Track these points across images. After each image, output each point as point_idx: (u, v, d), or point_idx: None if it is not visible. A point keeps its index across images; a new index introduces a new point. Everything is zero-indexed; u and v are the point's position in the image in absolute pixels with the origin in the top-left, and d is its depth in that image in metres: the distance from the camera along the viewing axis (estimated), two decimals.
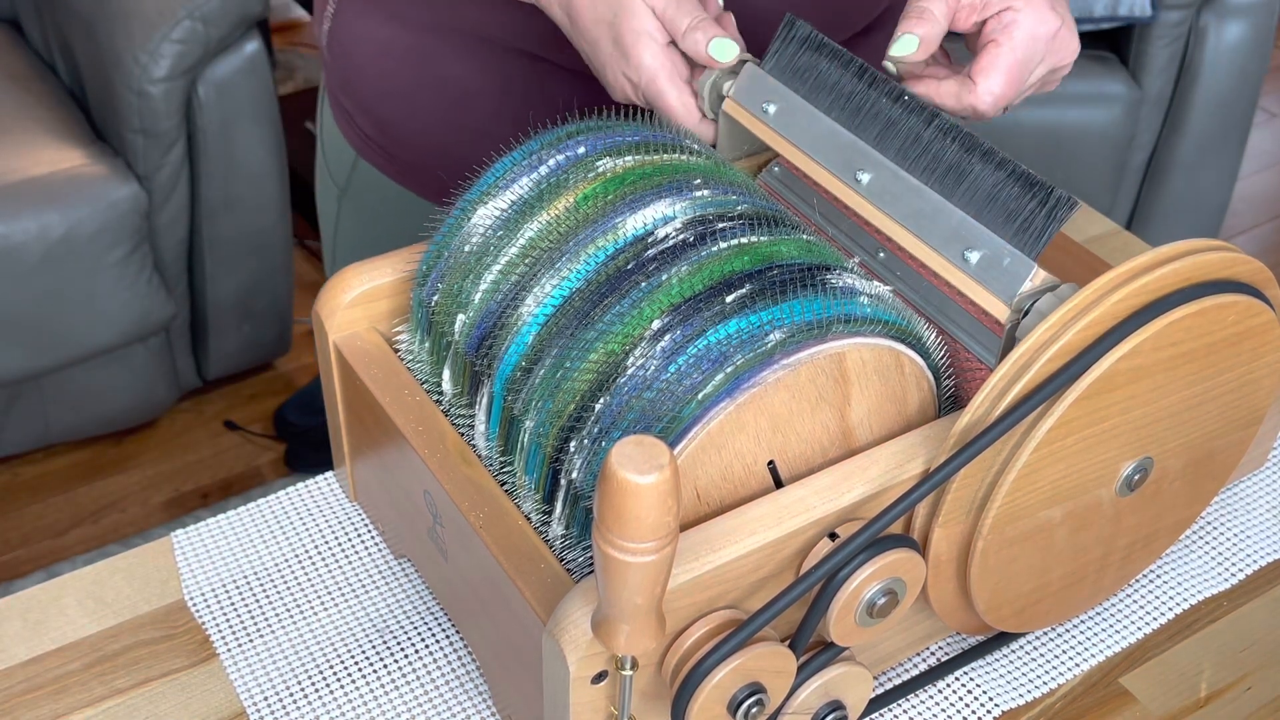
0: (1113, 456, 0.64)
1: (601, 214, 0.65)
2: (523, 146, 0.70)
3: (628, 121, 0.72)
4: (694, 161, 0.70)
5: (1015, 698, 0.71)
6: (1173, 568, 0.78)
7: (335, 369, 0.74)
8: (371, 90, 0.98)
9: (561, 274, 0.64)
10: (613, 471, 0.47)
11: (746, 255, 0.63)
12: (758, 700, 0.58)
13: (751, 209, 0.66)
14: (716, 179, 0.68)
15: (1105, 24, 2.19)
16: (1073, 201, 0.63)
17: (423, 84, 0.95)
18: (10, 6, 2.16)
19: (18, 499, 2.00)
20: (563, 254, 0.65)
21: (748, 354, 0.59)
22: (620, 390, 0.60)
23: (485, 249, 0.67)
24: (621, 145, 0.69)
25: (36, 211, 1.76)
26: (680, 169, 0.68)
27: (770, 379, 0.58)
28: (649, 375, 0.59)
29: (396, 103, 0.97)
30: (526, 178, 0.69)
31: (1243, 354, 0.66)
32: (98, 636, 0.74)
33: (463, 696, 0.71)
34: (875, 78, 0.71)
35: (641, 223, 0.64)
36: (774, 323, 0.59)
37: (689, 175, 0.68)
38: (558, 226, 0.66)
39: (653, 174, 0.67)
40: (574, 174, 0.68)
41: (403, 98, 0.96)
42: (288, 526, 0.80)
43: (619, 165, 0.68)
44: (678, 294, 0.61)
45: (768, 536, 0.59)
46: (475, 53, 0.92)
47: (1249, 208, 2.75)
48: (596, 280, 0.63)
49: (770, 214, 0.66)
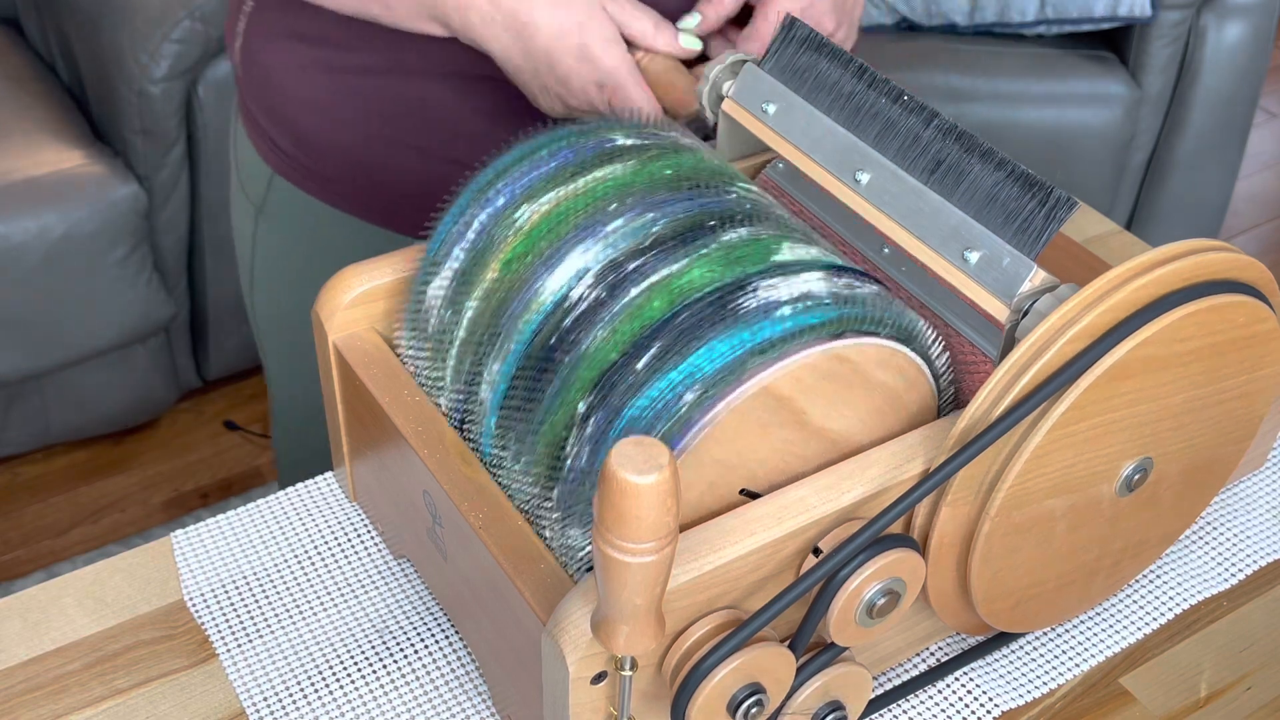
0: (1119, 450, 0.64)
1: (524, 280, 0.66)
2: (454, 204, 0.71)
3: (550, 133, 0.72)
4: (614, 175, 0.69)
5: (1015, 698, 0.71)
6: (1173, 568, 0.78)
7: (335, 369, 0.74)
8: (289, 106, 0.97)
9: (502, 354, 0.65)
10: (612, 472, 0.47)
11: (657, 299, 0.62)
12: (757, 700, 0.58)
13: (669, 225, 0.65)
14: (635, 189, 0.68)
15: (1105, 24, 2.19)
16: (1072, 201, 0.63)
17: (342, 98, 0.95)
18: (10, 6, 2.16)
19: (18, 499, 2.00)
20: (499, 331, 0.66)
21: (666, 424, 0.58)
22: (566, 481, 0.61)
23: (442, 332, 0.69)
24: (538, 182, 0.69)
25: (36, 211, 1.76)
26: (598, 193, 0.68)
27: (694, 442, 0.58)
28: (583, 466, 0.60)
29: (316, 118, 0.96)
30: (459, 246, 0.70)
31: (1246, 361, 0.66)
32: (97, 636, 0.74)
33: (462, 696, 0.71)
34: (875, 78, 0.71)
35: (558, 285, 0.65)
36: (686, 381, 0.59)
37: (605, 201, 0.67)
38: (491, 300, 0.67)
39: (568, 213, 0.67)
40: (498, 232, 0.68)
41: (322, 112, 0.96)
42: (287, 527, 0.80)
43: (536, 213, 0.67)
44: (596, 367, 0.61)
45: (768, 536, 0.59)
46: (392, 67, 0.92)
47: (1249, 208, 2.75)
48: (531, 358, 0.64)
49: (689, 221, 0.65)
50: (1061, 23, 2.20)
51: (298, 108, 0.97)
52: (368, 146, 0.95)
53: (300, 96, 0.96)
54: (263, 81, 0.98)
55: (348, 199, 0.99)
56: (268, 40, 0.97)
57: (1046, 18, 2.19)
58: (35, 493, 2.01)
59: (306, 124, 0.97)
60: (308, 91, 0.96)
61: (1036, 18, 2.19)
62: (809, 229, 0.69)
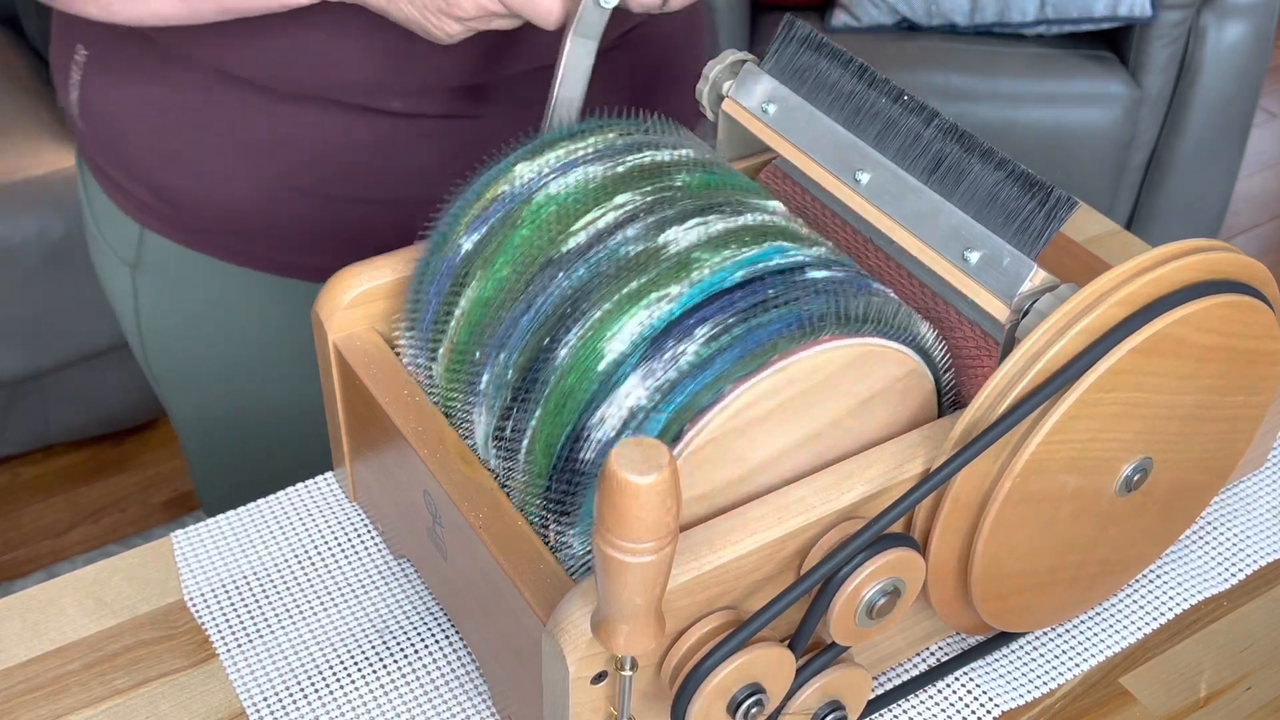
0: (1130, 438, 0.64)
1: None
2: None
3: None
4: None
5: (1015, 698, 0.71)
6: (1173, 568, 0.78)
7: (335, 369, 0.74)
8: (147, 160, 0.89)
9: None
10: (612, 472, 0.47)
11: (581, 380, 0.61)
12: (757, 701, 0.58)
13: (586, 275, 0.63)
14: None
15: (1105, 24, 2.19)
16: (1072, 201, 0.63)
17: (206, 145, 0.87)
18: (10, 6, 2.16)
19: (18, 499, 2.00)
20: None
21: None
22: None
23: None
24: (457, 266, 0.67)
25: (36, 211, 1.76)
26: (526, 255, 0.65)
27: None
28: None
29: (179, 170, 0.88)
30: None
31: (1250, 379, 0.67)
32: (97, 637, 0.74)
33: (462, 696, 0.71)
34: (875, 78, 0.71)
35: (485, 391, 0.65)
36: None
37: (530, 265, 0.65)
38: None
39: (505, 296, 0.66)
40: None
41: (185, 163, 0.88)
42: (287, 527, 0.80)
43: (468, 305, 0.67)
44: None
45: (768, 536, 0.59)
46: (259, 103, 0.86)
47: (1249, 208, 2.75)
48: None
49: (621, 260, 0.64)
50: (1061, 23, 2.20)
51: (157, 161, 0.89)
52: (242, 194, 0.89)
53: (159, 150, 0.89)
54: (112, 136, 0.90)
55: (232, 250, 0.92)
56: (111, 89, 0.88)
57: (1046, 18, 2.19)
58: (35, 493, 2.01)
59: (169, 177, 0.89)
60: (168, 143, 0.88)
61: (1036, 18, 2.20)
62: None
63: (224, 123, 0.87)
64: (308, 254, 0.92)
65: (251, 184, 0.89)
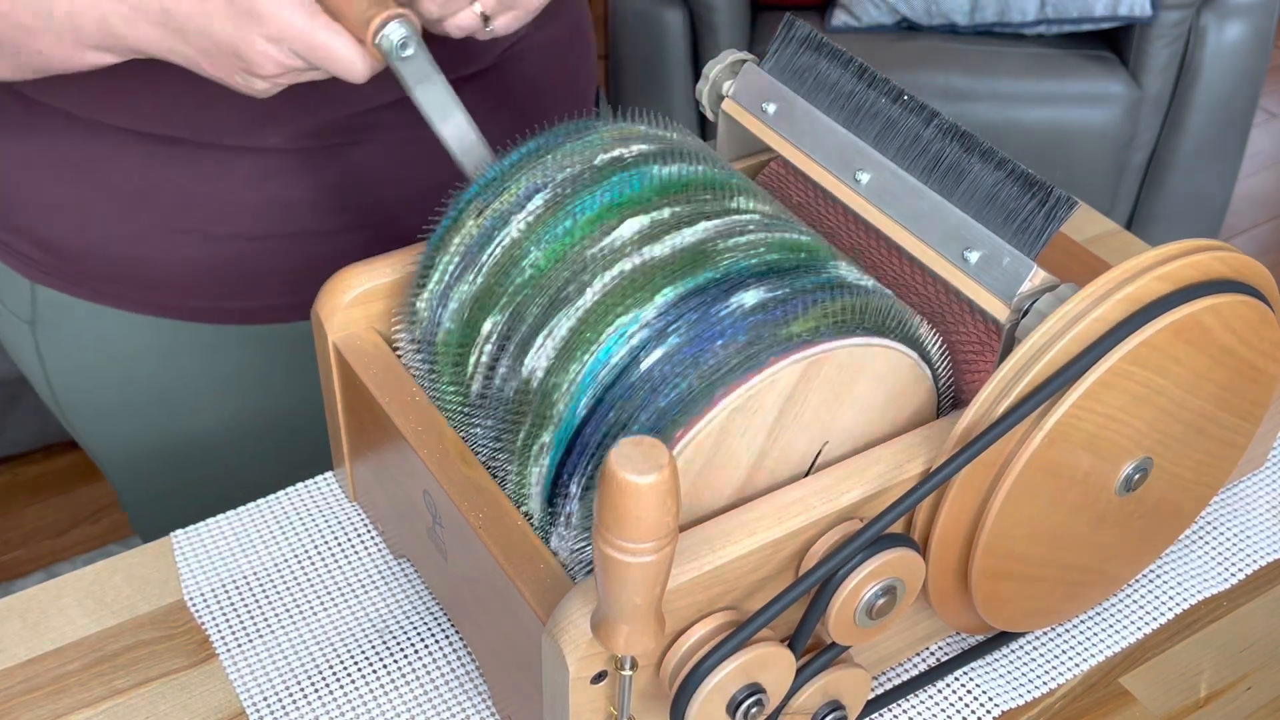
0: (1143, 426, 0.64)
1: None
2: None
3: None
4: None
5: (1015, 698, 0.71)
6: (1173, 568, 0.78)
7: (335, 369, 0.74)
8: (24, 210, 0.86)
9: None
10: (613, 472, 0.47)
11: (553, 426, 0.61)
12: (757, 701, 0.58)
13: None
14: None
15: (1105, 24, 2.19)
16: (1072, 201, 0.63)
17: (89, 192, 0.84)
18: None
19: (18, 499, 2.00)
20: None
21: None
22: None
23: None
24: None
25: None
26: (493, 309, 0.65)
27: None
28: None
29: (63, 220, 0.85)
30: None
31: (1246, 400, 0.67)
32: (97, 636, 0.74)
33: (462, 696, 0.71)
34: (875, 78, 0.71)
35: None
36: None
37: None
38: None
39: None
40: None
41: (69, 213, 0.85)
42: (287, 527, 0.80)
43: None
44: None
45: (768, 536, 0.59)
46: (134, 149, 0.83)
47: (1249, 208, 2.75)
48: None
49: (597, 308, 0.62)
50: (1061, 23, 2.20)
51: (37, 214, 0.86)
52: (125, 241, 0.86)
53: (37, 203, 0.85)
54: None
55: (126, 299, 0.89)
56: None
57: (1046, 18, 2.19)
58: (35, 493, 2.01)
59: (52, 230, 0.86)
60: (46, 196, 0.85)
61: (1036, 18, 2.20)
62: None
63: (99, 172, 0.84)
64: (201, 297, 0.89)
65: (133, 231, 0.86)
